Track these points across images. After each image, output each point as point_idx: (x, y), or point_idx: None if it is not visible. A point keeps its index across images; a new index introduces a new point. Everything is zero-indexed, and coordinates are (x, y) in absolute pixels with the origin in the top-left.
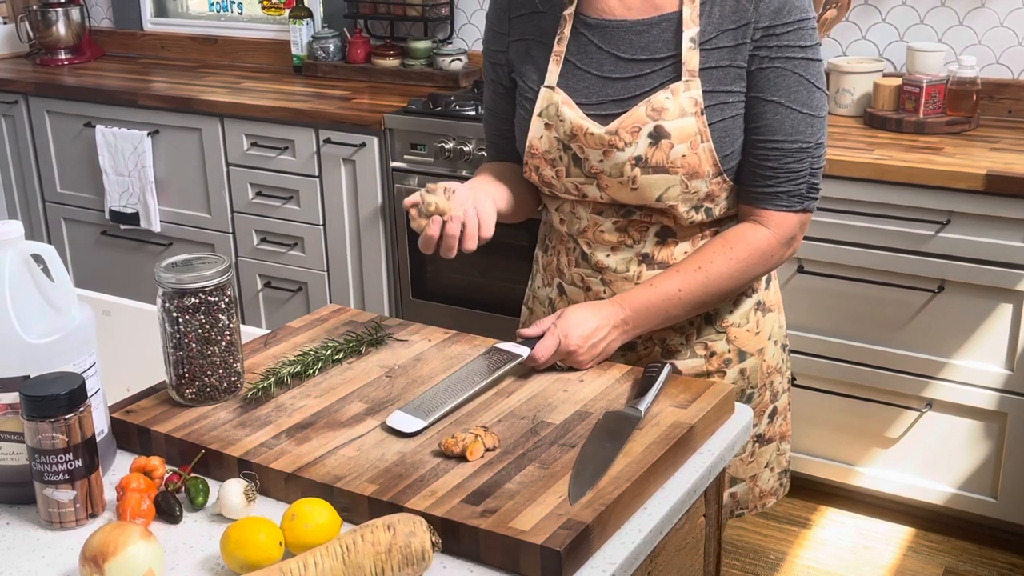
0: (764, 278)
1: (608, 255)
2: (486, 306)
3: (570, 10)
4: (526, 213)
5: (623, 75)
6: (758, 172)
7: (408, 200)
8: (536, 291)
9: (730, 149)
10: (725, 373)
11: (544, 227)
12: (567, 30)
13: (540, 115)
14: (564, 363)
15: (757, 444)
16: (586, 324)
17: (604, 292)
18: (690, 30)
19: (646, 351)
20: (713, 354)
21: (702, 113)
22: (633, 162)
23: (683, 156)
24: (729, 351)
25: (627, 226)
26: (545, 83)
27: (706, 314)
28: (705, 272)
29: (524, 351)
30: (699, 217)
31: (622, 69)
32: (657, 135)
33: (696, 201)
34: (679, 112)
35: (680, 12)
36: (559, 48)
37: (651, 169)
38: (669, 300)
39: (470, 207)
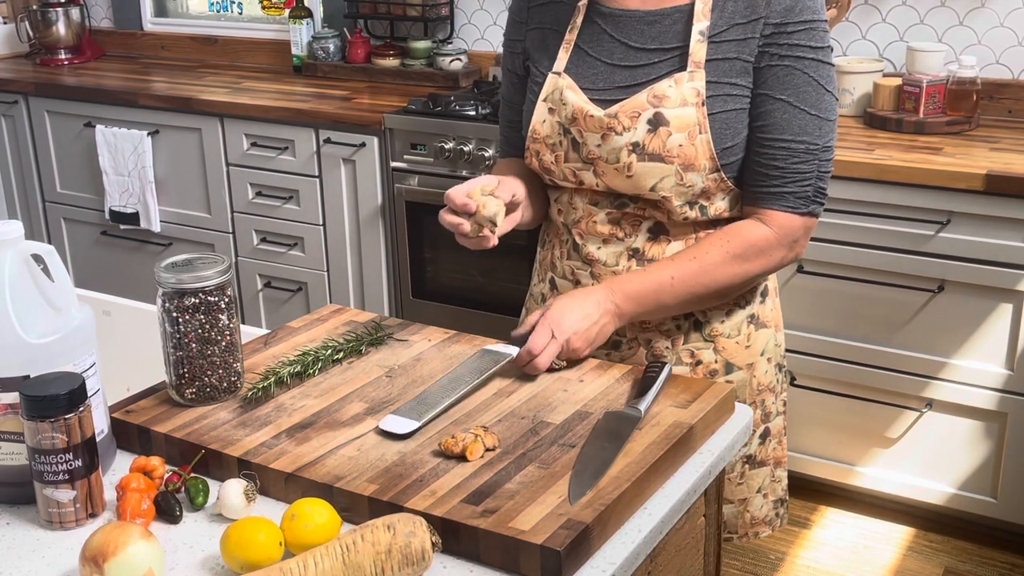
0: (759, 292)
1: (599, 247)
2: (486, 306)
3: (583, 1)
4: (541, 218)
5: (631, 63)
6: (764, 172)
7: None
8: (532, 288)
9: (730, 143)
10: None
11: (544, 223)
12: (579, 19)
13: (545, 100)
14: (561, 357)
15: (747, 466)
16: (575, 310)
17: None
18: (700, 23)
19: (631, 351)
20: (699, 363)
21: (703, 104)
22: (630, 148)
23: (680, 145)
24: (716, 361)
25: (620, 218)
26: (553, 69)
27: (695, 320)
28: (699, 262)
29: (513, 350)
30: (693, 214)
31: (631, 58)
32: (656, 122)
33: (690, 196)
34: (680, 101)
35: (692, 4)
36: (570, 36)
37: (647, 156)
38: (661, 286)
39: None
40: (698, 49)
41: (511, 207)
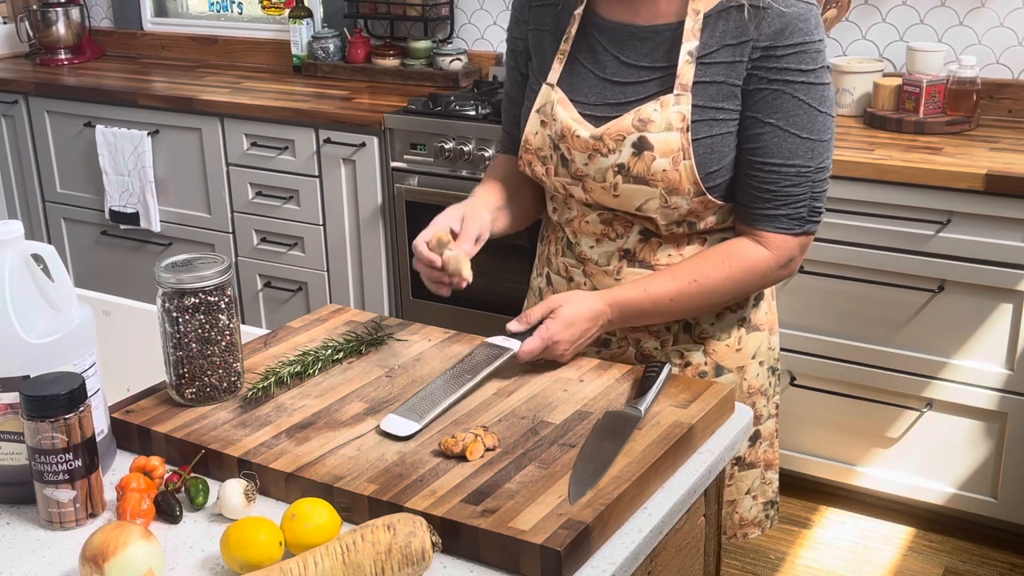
0: (752, 296)
1: (592, 246)
2: (486, 306)
3: (579, 10)
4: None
5: (622, 79)
6: (756, 194)
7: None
8: (531, 282)
9: (715, 167)
10: None
11: (543, 218)
12: (574, 29)
13: (538, 111)
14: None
15: (736, 467)
16: (575, 327)
17: (585, 284)
18: (689, 43)
19: (620, 350)
20: (688, 364)
21: (687, 130)
22: (615, 169)
23: (664, 170)
24: (705, 363)
25: (612, 219)
26: (547, 80)
27: (685, 323)
28: (700, 286)
29: (515, 344)
30: (680, 230)
31: (622, 73)
32: (640, 146)
33: (677, 217)
34: (665, 125)
35: (683, 22)
36: (564, 46)
37: (632, 179)
38: (658, 306)
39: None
40: (686, 71)
41: (480, 238)
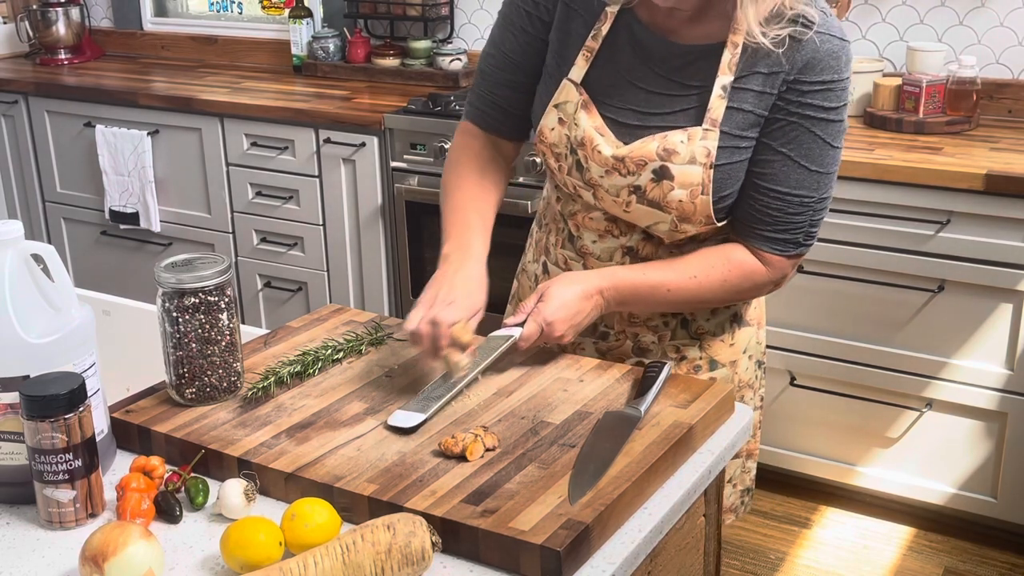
0: None
1: (595, 241)
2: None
3: (613, 9)
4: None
5: (651, 88)
6: (758, 216)
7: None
8: (526, 264)
9: (728, 191)
10: None
11: (543, 202)
12: (605, 27)
13: (557, 106)
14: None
15: None
16: (569, 307)
17: None
18: (724, 77)
19: (617, 343)
20: (684, 358)
21: (711, 166)
22: (631, 189)
23: (680, 201)
24: (701, 358)
25: (617, 218)
26: (570, 76)
27: (682, 318)
28: (698, 283)
29: (516, 331)
30: (682, 241)
31: (651, 82)
32: (661, 174)
33: (682, 237)
34: (689, 158)
35: (722, 46)
36: (592, 44)
37: (647, 201)
38: (655, 293)
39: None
40: (717, 106)
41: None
